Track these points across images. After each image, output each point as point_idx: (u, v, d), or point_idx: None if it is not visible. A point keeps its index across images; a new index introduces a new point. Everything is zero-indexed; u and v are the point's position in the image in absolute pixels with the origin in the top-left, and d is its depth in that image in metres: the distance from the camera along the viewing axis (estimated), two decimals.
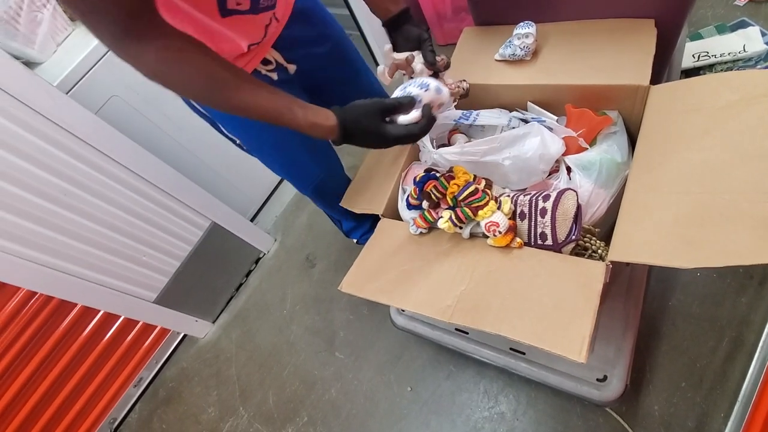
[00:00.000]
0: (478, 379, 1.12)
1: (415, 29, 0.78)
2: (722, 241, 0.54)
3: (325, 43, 0.89)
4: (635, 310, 0.88)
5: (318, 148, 1.01)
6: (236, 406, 1.36)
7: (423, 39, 0.77)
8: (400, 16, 0.78)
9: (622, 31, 0.83)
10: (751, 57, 1.26)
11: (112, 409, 1.45)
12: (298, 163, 1.00)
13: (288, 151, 0.96)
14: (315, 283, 1.53)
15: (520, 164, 0.78)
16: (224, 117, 0.84)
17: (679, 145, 0.66)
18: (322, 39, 0.88)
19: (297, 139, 0.92)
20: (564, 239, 0.68)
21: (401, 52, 0.78)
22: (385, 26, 0.81)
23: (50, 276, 1.14)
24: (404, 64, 0.77)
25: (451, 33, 1.89)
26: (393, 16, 0.78)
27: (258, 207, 1.82)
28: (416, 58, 0.77)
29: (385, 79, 0.80)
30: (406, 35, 0.79)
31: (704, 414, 0.91)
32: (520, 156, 0.77)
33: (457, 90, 0.81)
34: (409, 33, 0.78)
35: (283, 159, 0.98)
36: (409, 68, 0.77)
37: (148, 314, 1.40)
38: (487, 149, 0.79)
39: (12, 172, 1.00)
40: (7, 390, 1.22)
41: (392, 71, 0.79)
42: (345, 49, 0.94)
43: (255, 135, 0.91)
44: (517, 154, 0.77)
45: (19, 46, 1.18)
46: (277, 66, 0.83)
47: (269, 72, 0.83)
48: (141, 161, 1.22)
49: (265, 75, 0.83)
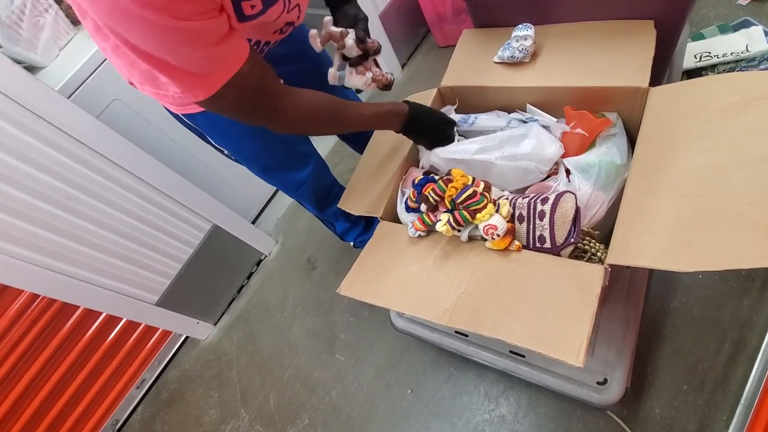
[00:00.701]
0: (479, 382, 1.12)
1: (353, 9, 0.84)
2: (723, 244, 0.53)
3: (303, 60, 0.94)
4: (636, 312, 0.87)
5: (299, 154, 1.03)
6: (237, 408, 1.37)
7: (359, 18, 0.83)
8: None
9: (622, 32, 0.83)
10: (755, 57, 1.24)
11: (114, 411, 1.46)
12: (281, 168, 1.01)
13: (270, 159, 0.98)
14: (316, 286, 1.53)
15: (513, 163, 0.78)
16: (211, 129, 0.86)
17: (679, 147, 0.66)
18: (300, 57, 0.93)
19: (278, 148, 0.96)
20: (563, 242, 0.67)
21: (338, 27, 0.82)
22: (327, 2, 0.86)
23: (53, 279, 1.15)
24: (337, 37, 0.82)
25: (451, 35, 1.89)
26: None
27: (259, 209, 1.82)
28: (350, 34, 0.81)
29: (315, 45, 0.83)
30: (345, 12, 0.84)
31: (706, 417, 0.90)
32: (515, 155, 0.77)
33: (380, 77, 0.87)
34: (348, 11, 0.84)
35: (267, 165, 0.99)
36: (341, 41, 0.82)
37: (150, 316, 1.41)
38: (480, 148, 0.80)
39: (14, 176, 1.01)
40: (11, 392, 1.23)
41: (324, 40, 0.83)
42: (320, 65, 0.98)
43: (240, 145, 0.92)
44: (511, 153, 0.77)
45: (21, 50, 1.20)
46: None
47: None
48: (143, 164, 1.23)
49: None
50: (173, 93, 0.53)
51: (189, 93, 0.53)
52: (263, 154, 0.96)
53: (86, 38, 1.29)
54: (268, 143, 0.93)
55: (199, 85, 0.52)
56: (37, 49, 1.23)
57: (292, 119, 0.68)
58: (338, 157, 1.84)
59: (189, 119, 0.83)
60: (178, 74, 0.51)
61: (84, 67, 1.19)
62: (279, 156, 0.98)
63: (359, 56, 0.83)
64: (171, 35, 0.46)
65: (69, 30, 1.31)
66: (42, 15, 1.25)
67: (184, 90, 0.52)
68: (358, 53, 0.83)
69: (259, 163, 0.98)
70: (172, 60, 0.48)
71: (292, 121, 0.69)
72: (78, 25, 1.35)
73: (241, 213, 1.59)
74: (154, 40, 0.46)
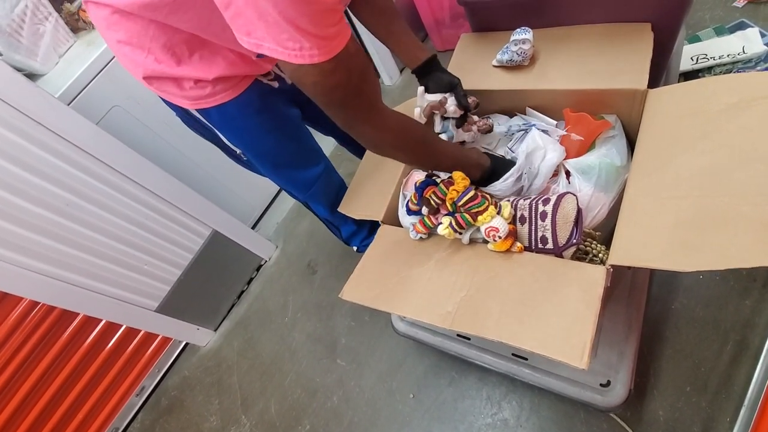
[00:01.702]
0: (481, 386, 1.11)
1: (445, 75, 0.87)
2: (723, 244, 0.53)
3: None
4: (638, 314, 0.87)
5: (310, 151, 1.04)
6: (238, 414, 1.36)
7: (454, 84, 0.86)
8: (429, 62, 0.87)
9: (619, 35, 0.83)
10: (751, 58, 1.25)
11: (114, 419, 1.44)
12: (293, 166, 1.01)
13: (283, 156, 0.97)
14: (316, 290, 1.52)
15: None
16: (224, 124, 0.86)
17: (678, 149, 0.66)
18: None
19: (290, 144, 0.96)
20: (565, 243, 0.67)
21: (434, 94, 0.86)
22: (415, 73, 0.89)
23: (52, 286, 1.14)
24: (438, 106, 0.85)
25: (450, 39, 1.90)
26: (422, 63, 0.86)
27: (259, 214, 1.82)
28: (449, 100, 0.85)
29: (421, 120, 0.87)
30: (437, 80, 0.87)
31: (710, 419, 0.90)
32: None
33: (484, 127, 0.90)
34: (440, 79, 0.86)
35: (279, 163, 0.99)
36: (443, 109, 0.86)
37: (149, 323, 1.40)
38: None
39: (14, 182, 1.01)
40: (11, 400, 1.22)
41: (428, 112, 0.86)
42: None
43: (252, 141, 0.92)
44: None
45: (21, 58, 1.20)
46: (276, 76, 0.87)
47: (270, 81, 0.86)
48: (142, 170, 1.23)
49: (267, 84, 0.86)
50: (292, 49, 0.50)
51: (313, 51, 0.51)
52: (275, 151, 0.95)
53: (86, 45, 1.30)
54: (281, 138, 0.93)
55: (323, 45, 0.50)
56: (37, 57, 1.23)
57: (390, 127, 0.65)
58: (338, 160, 1.83)
59: (204, 115, 0.82)
60: (303, 33, 0.49)
61: (84, 74, 1.19)
62: (291, 152, 0.98)
63: (462, 116, 0.87)
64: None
65: (69, 37, 1.32)
66: (42, 23, 1.25)
67: (311, 47, 0.50)
68: (460, 113, 0.86)
69: (272, 161, 0.97)
70: (303, 17, 0.47)
71: (389, 130, 0.66)
72: (77, 32, 1.36)
73: (241, 218, 1.59)
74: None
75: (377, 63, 1.94)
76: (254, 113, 0.84)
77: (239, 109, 0.81)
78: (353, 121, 0.63)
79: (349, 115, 0.61)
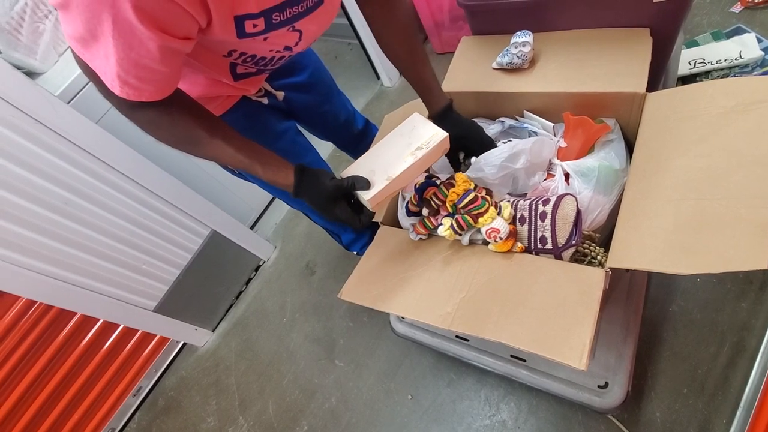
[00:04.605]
0: (479, 387, 1.12)
1: (465, 120, 0.84)
2: (720, 246, 0.54)
3: (304, 71, 0.95)
4: (636, 316, 0.88)
5: (301, 150, 1.03)
6: (236, 415, 1.35)
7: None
8: (448, 108, 0.82)
9: (618, 39, 0.84)
10: (747, 63, 1.27)
11: (111, 419, 1.44)
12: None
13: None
14: (315, 291, 1.52)
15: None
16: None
17: (676, 152, 0.67)
18: (300, 68, 0.94)
19: (277, 142, 0.95)
20: (564, 243, 0.68)
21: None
22: (432, 118, 0.83)
23: (49, 285, 1.14)
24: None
25: (449, 42, 1.91)
26: (441, 109, 0.82)
27: (258, 215, 1.82)
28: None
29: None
30: (455, 123, 0.82)
31: (706, 420, 0.90)
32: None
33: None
34: (460, 122, 0.83)
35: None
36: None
37: (147, 323, 1.40)
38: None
39: (13, 181, 1.01)
40: (6, 399, 1.21)
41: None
42: (321, 76, 1.00)
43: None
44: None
45: (21, 56, 1.19)
46: (265, 93, 0.88)
47: (259, 98, 0.87)
48: (141, 170, 1.23)
49: (256, 100, 0.86)
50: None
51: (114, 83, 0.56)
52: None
53: None
54: (270, 141, 0.90)
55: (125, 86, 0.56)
56: (37, 55, 1.23)
57: (145, 125, 0.69)
58: (336, 162, 1.84)
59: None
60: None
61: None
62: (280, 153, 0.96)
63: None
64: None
65: None
66: (41, 21, 1.25)
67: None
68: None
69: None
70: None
71: (147, 128, 0.70)
72: None
73: (240, 218, 1.58)
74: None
75: (377, 64, 1.95)
76: (241, 131, 0.76)
77: None
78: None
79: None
